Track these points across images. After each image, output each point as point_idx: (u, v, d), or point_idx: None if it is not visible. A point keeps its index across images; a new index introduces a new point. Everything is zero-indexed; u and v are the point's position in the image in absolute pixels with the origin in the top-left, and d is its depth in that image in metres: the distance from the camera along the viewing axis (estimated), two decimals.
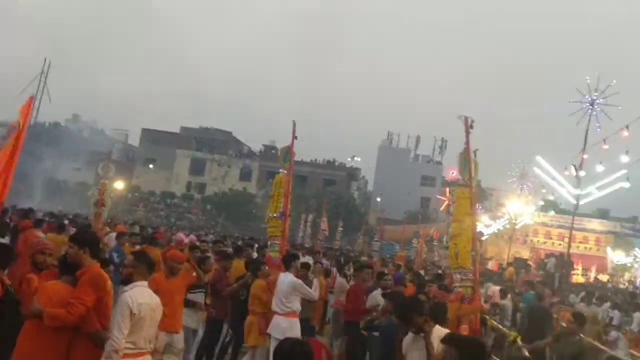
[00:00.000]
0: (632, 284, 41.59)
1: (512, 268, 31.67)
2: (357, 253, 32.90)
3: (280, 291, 9.48)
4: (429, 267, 25.42)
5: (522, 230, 48.33)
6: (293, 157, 12.81)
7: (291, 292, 9.43)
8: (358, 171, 79.61)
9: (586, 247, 52.38)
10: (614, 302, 19.89)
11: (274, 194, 12.74)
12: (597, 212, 57.03)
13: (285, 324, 9.09)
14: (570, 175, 19.55)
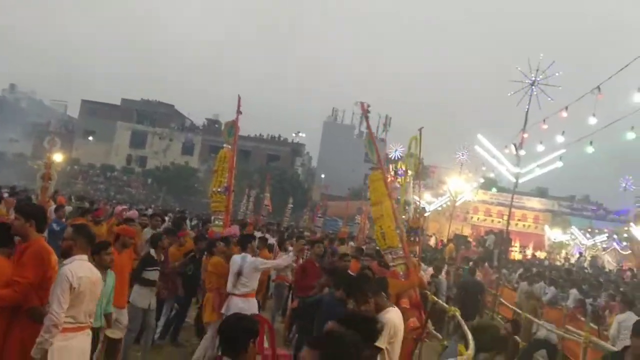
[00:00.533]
0: (568, 261, 42.75)
1: (452, 245, 32.15)
2: (301, 229, 32.85)
3: (238, 272, 9.28)
4: (370, 242, 25.58)
5: (463, 207, 49.06)
6: (238, 132, 12.66)
7: (253, 272, 9.29)
8: (302, 147, 79.49)
9: (525, 225, 53.60)
10: (550, 279, 20.34)
11: (218, 168, 12.57)
12: (536, 191, 58.39)
13: (243, 304, 8.87)
14: (511, 154, 19.85)
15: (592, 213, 57.06)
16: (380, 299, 5.81)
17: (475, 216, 53.78)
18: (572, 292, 17.91)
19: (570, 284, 19.89)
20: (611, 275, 31.02)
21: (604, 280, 24.48)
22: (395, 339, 5.66)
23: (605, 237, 48.65)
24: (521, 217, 53.45)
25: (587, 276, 26.19)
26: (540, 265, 32.36)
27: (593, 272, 31.88)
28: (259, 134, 73.81)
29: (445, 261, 21.76)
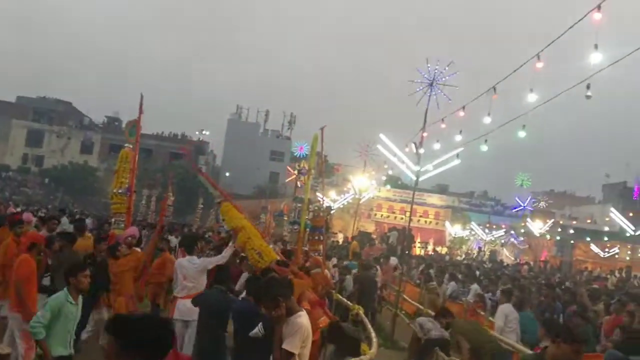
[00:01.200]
0: (469, 256, 44.00)
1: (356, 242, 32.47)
2: (206, 229, 32.41)
3: (188, 275, 9.31)
4: (278, 242, 25.49)
5: (367, 204, 49.73)
6: (140, 132, 12.37)
7: (201, 274, 9.32)
8: (206, 145, 78.54)
9: (426, 221, 54.86)
10: (451, 274, 20.81)
11: (119, 169, 12.29)
12: (437, 188, 59.84)
13: (190, 305, 8.67)
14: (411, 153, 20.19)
15: (490, 209, 58.98)
16: (291, 303, 5.67)
17: (379, 213, 54.59)
18: (472, 287, 18.40)
19: (471, 279, 20.41)
20: (509, 269, 32.06)
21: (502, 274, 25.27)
22: (307, 342, 5.60)
23: (503, 232, 50.42)
24: (423, 213, 54.67)
25: (486, 271, 26.99)
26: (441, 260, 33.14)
27: (492, 266, 32.89)
28: (161, 132, 72.52)
29: (349, 258, 21.92)
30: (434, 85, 16.33)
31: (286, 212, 42.41)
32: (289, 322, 5.51)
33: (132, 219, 14.13)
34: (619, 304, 14.32)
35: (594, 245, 50.15)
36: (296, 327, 5.46)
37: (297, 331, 5.44)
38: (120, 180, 12.22)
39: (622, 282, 27.52)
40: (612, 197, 70.42)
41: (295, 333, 5.44)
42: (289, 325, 5.49)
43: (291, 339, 5.43)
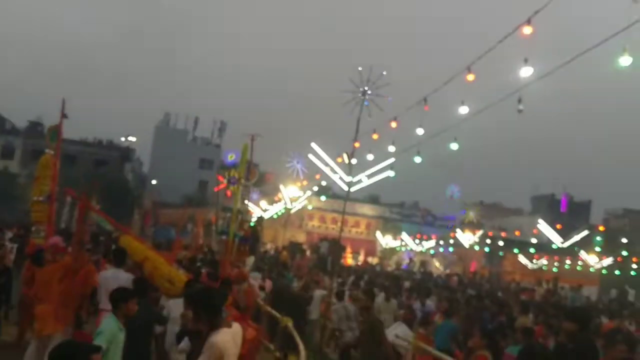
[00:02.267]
0: (399, 266, 44.25)
1: (286, 252, 32.25)
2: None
3: (111, 289, 8.99)
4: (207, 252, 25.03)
5: (298, 214, 49.50)
6: (61, 137, 11.96)
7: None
8: (133, 152, 76.86)
9: (358, 231, 55.01)
10: (381, 285, 20.73)
11: (39, 176, 11.89)
12: (368, 198, 60.05)
13: None
14: (343, 163, 20.08)
15: (421, 219, 59.56)
16: (215, 318, 5.55)
17: (310, 223, 54.47)
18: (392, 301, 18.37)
19: (397, 290, 20.34)
20: (439, 280, 32.33)
21: (433, 285, 25.38)
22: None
23: (434, 242, 50.95)
24: (354, 223, 54.82)
25: (416, 281, 27.07)
26: (373, 271, 33.12)
27: (422, 277, 33.09)
28: (86, 138, 70.52)
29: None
30: (366, 96, 16.22)
31: (214, 222, 41.84)
32: (208, 339, 5.44)
33: (54, 227, 13.73)
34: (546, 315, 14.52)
35: (522, 257, 51.20)
36: (209, 345, 5.41)
37: (208, 349, 5.39)
38: (40, 187, 11.83)
39: (549, 293, 28.05)
40: (540, 208, 72.33)
41: (207, 350, 5.39)
42: (206, 342, 5.43)
43: (202, 357, 5.40)
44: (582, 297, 29.85)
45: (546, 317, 14.06)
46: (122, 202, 49.42)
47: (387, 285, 18.68)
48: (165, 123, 77.49)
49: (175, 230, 33.95)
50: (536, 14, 9.92)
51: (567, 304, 24.50)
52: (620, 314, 18.96)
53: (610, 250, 49.73)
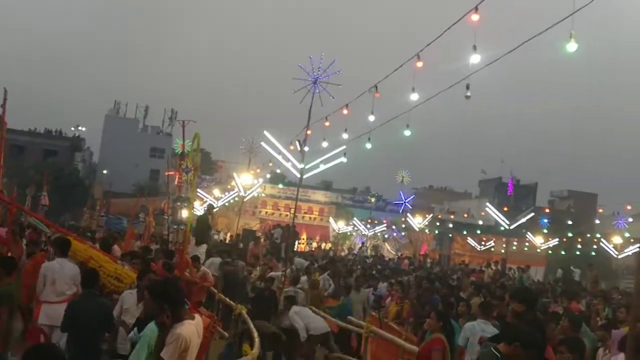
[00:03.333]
0: (351, 251, 44.58)
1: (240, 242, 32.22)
2: (82, 229, 31.32)
3: (62, 278, 9.11)
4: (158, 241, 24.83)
5: (252, 202, 49.41)
6: (5, 127, 11.75)
7: (77, 276, 9.01)
8: (82, 141, 75.48)
9: (311, 217, 55.19)
10: (333, 270, 20.89)
11: None
12: (321, 184, 60.29)
13: (62, 309, 8.30)
14: (296, 150, 20.19)
15: (372, 204, 59.99)
16: (178, 310, 5.51)
17: (263, 210, 54.44)
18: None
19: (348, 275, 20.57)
20: (391, 264, 32.71)
21: (384, 269, 25.72)
22: (188, 352, 5.45)
23: (385, 227, 51.47)
24: (308, 210, 54.97)
25: (368, 266, 27.36)
26: (326, 256, 33.29)
27: (374, 261, 33.42)
28: (34, 128, 69.01)
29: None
30: (317, 83, 16.34)
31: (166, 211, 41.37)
32: (171, 331, 5.39)
33: (1, 219, 13.53)
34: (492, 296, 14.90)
35: (471, 239, 52.17)
36: (173, 338, 5.36)
37: (173, 342, 5.34)
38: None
39: (498, 274, 28.63)
40: (487, 192, 73.49)
41: (171, 343, 5.34)
42: (169, 334, 5.38)
43: (167, 348, 5.33)
44: (530, 277, 30.61)
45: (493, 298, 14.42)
46: (73, 193, 48.58)
47: (359, 273, 18.71)
48: (115, 112, 76.32)
49: (127, 220, 33.67)
50: (482, 1, 10.14)
51: (515, 284, 25.08)
52: (578, 294, 19.44)
53: (556, 231, 51.04)
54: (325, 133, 18.46)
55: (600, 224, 56.51)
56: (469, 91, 11.23)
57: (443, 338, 7.81)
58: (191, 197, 14.13)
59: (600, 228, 54.25)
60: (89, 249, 9.66)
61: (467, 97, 11.32)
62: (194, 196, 14.74)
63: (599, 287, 24.15)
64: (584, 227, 55.02)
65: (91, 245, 10.20)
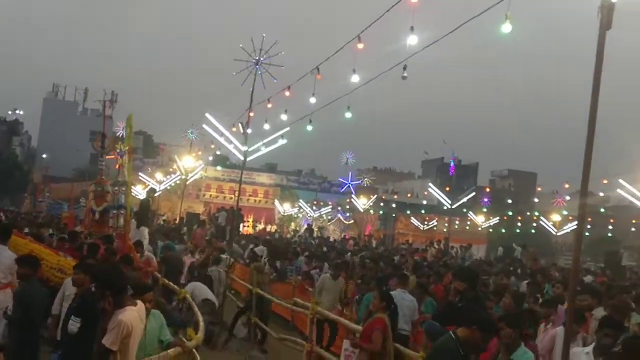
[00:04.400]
0: (297, 233, 44.65)
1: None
2: (23, 214, 30.75)
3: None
4: None
5: (195, 185, 48.97)
6: None
7: (13, 265, 8.62)
8: (20, 125, 73.53)
9: (256, 200, 55.00)
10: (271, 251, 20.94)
11: None
12: (265, 167, 60.14)
13: (1, 297, 8.40)
14: (238, 132, 20.08)
15: (317, 186, 60.15)
16: (121, 296, 5.53)
17: (207, 193, 54.02)
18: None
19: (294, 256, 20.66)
20: (336, 244, 32.85)
21: (329, 250, 25.85)
22: (130, 338, 5.45)
23: (330, 208, 51.71)
24: (252, 192, 54.78)
25: (313, 247, 27.45)
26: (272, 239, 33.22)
27: (319, 242, 33.54)
28: None
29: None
30: (259, 65, 16.24)
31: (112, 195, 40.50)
32: (112, 317, 5.39)
33: None
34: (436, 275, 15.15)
35: (414, 219, 52.84)
36: (115, 324, 5.35)
37: (115, 327, 5.33)
38: None
39: (440, 253, 29.08)
40: (430, 172, 74.49)
41: (113, 329, 5.33)
42: (111, 321, 5.38)
43: (109, 335, 5.33)
44: (472, 255, 31.20)
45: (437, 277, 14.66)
46: (11, 178, 47.42)
47: (339, 262, 18.65)
48: (54, 95, 74.43)
49: (68, 205, 33.09)
50: None
51: (458, 262, 25.54)
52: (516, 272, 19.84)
53: (497, 210, 52.11)
54: (267, 115, 18.41)
55: (540, 202, 57.92)
56: (406, 72, 11.31)
57: (385, 318, 7.89)
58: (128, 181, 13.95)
59: (539, 206, 55.60)
60: (29, 244, 9.51)
61: (404, 77, 11.40)
62: (130, 179, 14.53)
63: (539, 265, 24.71)
64: (524, 205, 56.32)
65: (31, 240, 9.96)
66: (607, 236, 49.58)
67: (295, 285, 16.76)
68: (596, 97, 5.38)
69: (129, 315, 5.45)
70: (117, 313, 5.40)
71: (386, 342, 7.72)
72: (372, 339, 7.76)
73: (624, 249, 35.44)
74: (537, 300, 11.08)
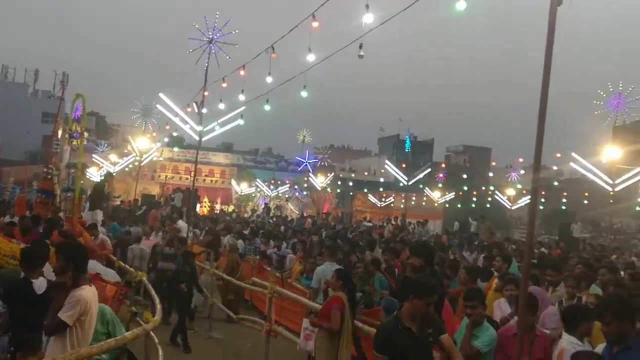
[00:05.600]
0: (255, 213, 44.56)
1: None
2: None
3: None
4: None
5: (150, 166, 48.49)
6: None
7: None
8: None
9: (212, 180, 54.75)
10: (238, 232, 20.87)
11: None
12: (222, 146, 59.75)
13: None
14: (193, 112, 19.88)
15: (274, 165, 60.10)
16: (80, 274, 5.54)
17: (163, 174, 53.55)
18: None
19: (253, 235, 20.62)
20: (294, 223, 32.86)
21: (287, 229, 25.84)
22: (87, 316, 5.46)
23: (287, 187, 51.70)
24: (209, 172, 54.51)
25: (271, 227, 27.41)
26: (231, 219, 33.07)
27: (276, 221, 33.51)
28: None
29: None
30: (213, 43, 16.07)
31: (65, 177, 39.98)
32: (71, 293, 5.39)
33: None
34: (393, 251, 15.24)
35: (372, 196, 53.16)
36: (74, 299, 5.36)
37: (75, 304, 5.34)
38: None
39: (397, 229, 29.27)
40: (387, 149, 74.87)
41: (73, 306, 5.34)
42: (70, 297, 5.38)
43: (66, 308, 5.32)
44: (428, 231, 31.51)
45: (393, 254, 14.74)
46: None
47: (296, 241, 18.46)
48: (3, 76, 72.55)
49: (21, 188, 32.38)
50: None
51: (415, 238, 25.76)
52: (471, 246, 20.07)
53: (452, 185, 52.71)
54: (223, 94, 18.24)
55: (494, 176, 58.81)
56: (362, 51, 11.30)
57: (342, 296, 7.92)
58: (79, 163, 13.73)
59: (494, 181, 56.46)
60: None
61: (361, 56, 11.40)
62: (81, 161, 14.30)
63: (494, 238, 25.05)
64: (479, 180, 57.11)
65: None
66: (561, 209, 50.59)
67: (253, 266, 16.73)
68: (548, 72, 5.44)
69: (87, 292, 5.47)
70: (75, 290, 5.40)
71: (344, 320, 7.77)
72: (330, 318, 7.79)
73: (577, 221, 36.16)
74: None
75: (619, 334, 4.80)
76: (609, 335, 4.90)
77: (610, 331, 4.83)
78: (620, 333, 4.79)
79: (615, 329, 4.80)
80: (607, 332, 4.89)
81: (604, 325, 4.90)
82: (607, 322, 4.84)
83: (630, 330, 4.83)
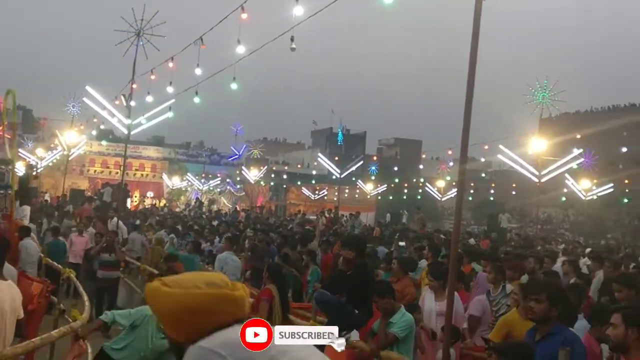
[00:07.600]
0: (188, 206, 44.08)
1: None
2: None
3: None
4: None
5: (78, 160, 47.37)
6: None
7: None
8: None
9: (143, 174, 53.90)
10: (171, 227, 20.62)
11: None
12: (152, 140, 58.83)
13: None
14: (122, 105, 19.49)
15: (207, 158, 59.57)
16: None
17: (92, 168, 52.44)
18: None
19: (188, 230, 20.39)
20: (228, 217, 32.59)
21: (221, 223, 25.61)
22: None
23: (219, 181, 51.35)
24: (139, 166, 53.64)
25: (204, 221, 27.16)
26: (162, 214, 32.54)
27: (210, 216, 33.22)
28: None
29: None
30: (141, 35, 15.77)
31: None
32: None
33: None
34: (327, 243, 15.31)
35: (305, 189, 53.28)
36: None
37: None
38: None
39: (330, 222, 29.40)
40: (320, 142, 75.12)
41: None
42: None
43: None
44: (361, 223, 31.69)
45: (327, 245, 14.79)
46: None
47: (229, 235, 18.27)
48: None
49: None
50: None
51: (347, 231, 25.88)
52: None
53: (384, 177, 53.30)
54: (151, 87, 17.94)
55: (425, 168, 59.70)
56: (294, 43, 11.27)
57: (273, 288, 7.91)
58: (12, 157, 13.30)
59: (425, 172, 57.34)
60: None
61: (293, 49, 11.37)
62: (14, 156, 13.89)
63: (426, 230, 25.38)
64: (410, 172, 57.88)
65: None
66: (490, 200, 51.74)
67: None
68: (473, 65, 5.53)
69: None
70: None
71: (273, 312, 7.76)
72: (258, 310, 7.78)
73: (505, 212, 37.03)
74: None
75: (543, 316, 4.92)
76: (534, 314, 5.01)
77: (538, 310, 4.93)
78: (546, 316, 4.92)
79: (545, 310, 4.91)
80: (534, 309, 4.99)
81: (534, 302, 5.00)
82: (540, 300, 4.94)
83: (554, 318, 4.96)
